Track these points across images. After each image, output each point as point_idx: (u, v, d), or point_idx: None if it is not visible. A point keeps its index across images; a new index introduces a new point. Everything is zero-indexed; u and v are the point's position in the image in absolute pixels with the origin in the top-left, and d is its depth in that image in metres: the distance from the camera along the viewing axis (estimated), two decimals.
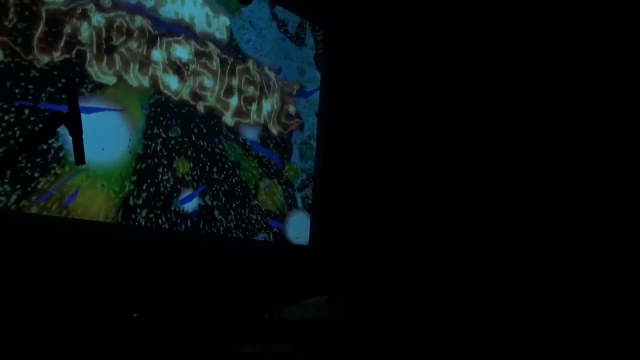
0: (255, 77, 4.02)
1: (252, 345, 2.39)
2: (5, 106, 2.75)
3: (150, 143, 3.34)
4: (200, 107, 3.65)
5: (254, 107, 4.00)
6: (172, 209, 3.42)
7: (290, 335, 2.56)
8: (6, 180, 2.69)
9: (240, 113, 3.90)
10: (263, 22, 4.12)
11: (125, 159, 3.21)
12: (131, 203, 3.22)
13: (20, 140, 2.66)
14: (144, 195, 3.28)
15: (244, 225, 3.83)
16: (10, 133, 2.73)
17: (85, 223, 3.00)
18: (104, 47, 3.17)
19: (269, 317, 2.37)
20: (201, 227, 3.57)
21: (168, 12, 3.51)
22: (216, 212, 3.66)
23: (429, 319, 3.65)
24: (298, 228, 4.24)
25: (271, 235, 4.02)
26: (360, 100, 4.45)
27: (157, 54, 3.43)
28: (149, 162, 3.32)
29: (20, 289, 2.65)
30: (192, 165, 3.54)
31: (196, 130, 3.60)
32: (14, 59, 2.81)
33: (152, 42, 3.40)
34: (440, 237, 3.91)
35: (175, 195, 3.44)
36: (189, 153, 3.54)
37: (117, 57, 3.22)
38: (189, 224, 3.50)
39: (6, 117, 2.75)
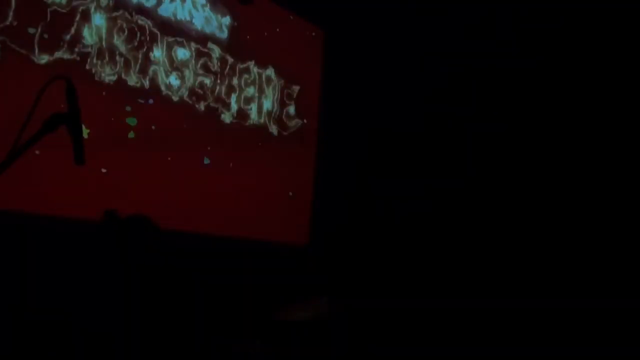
0: (255, 76, 4.02)
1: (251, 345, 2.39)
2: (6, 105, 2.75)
3: None
4: (200, 106, 3.65)
5: (253, 107, 3.99)
6: None
7: (290, 335, 2.56)
8: None
9: (239, 113, 3.89)
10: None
11: None
12: None
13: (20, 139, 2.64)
14: None
15: None
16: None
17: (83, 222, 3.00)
18: (104, 46, 3.17)
19: (269, 317, 2.37)
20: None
21: (168, 11, 3.50)
22: None
23: (427, 319, 3.64)
24: None
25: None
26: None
27: (157, 54, 3.42)
28: None
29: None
30: None
31: None
32: (14, 58, 2.81)
33: (152, 42, 3.39)
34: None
35: None
36: None
37: (117, 56, 3.22)
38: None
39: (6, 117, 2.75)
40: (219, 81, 3.77)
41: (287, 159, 4.23)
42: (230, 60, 3.85)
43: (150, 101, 3.37)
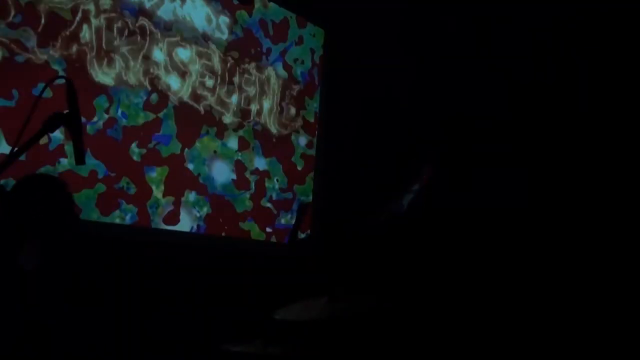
0: (255, 76, 4.02)
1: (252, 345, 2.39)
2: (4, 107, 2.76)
3: None
4: (201, 107, 3.65)
5: (253, 107, 3.99)
6: None
7: (290, 335, 2.56)
8: None
9: (240, 113, 3.90)
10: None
11: None
12: None
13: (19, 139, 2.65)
14: None
15: None
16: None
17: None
18: (104, 46, 3.17)
19: (269, 317, 2.37)
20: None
21: (168, 11, 3.50)
22: None
23: (431, 318, 3.64)
24: None
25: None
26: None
27: (158, 54, 3.42)
28: None
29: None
30: None
31: None
32: (14, 58, 2.81)
33: (152, 42, 3.40)
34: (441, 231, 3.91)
35: None
36: None
37: (117, 57, 3.22)
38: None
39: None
40: (219, 81, 3.77)
41: (287, 159, 4.23)
42: (230, 60, 3.85)
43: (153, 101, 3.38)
